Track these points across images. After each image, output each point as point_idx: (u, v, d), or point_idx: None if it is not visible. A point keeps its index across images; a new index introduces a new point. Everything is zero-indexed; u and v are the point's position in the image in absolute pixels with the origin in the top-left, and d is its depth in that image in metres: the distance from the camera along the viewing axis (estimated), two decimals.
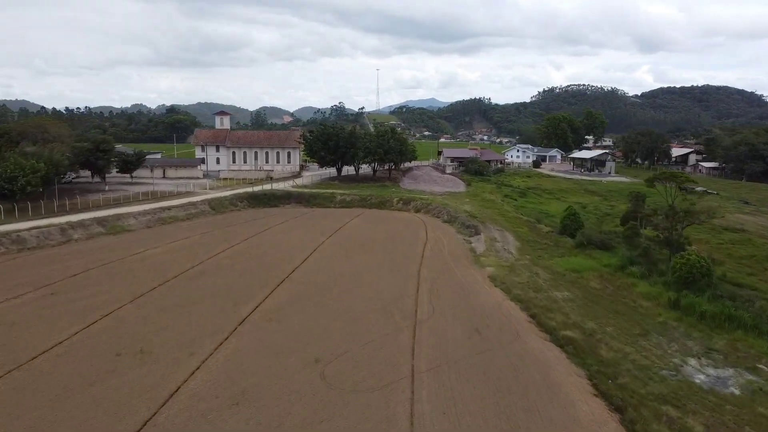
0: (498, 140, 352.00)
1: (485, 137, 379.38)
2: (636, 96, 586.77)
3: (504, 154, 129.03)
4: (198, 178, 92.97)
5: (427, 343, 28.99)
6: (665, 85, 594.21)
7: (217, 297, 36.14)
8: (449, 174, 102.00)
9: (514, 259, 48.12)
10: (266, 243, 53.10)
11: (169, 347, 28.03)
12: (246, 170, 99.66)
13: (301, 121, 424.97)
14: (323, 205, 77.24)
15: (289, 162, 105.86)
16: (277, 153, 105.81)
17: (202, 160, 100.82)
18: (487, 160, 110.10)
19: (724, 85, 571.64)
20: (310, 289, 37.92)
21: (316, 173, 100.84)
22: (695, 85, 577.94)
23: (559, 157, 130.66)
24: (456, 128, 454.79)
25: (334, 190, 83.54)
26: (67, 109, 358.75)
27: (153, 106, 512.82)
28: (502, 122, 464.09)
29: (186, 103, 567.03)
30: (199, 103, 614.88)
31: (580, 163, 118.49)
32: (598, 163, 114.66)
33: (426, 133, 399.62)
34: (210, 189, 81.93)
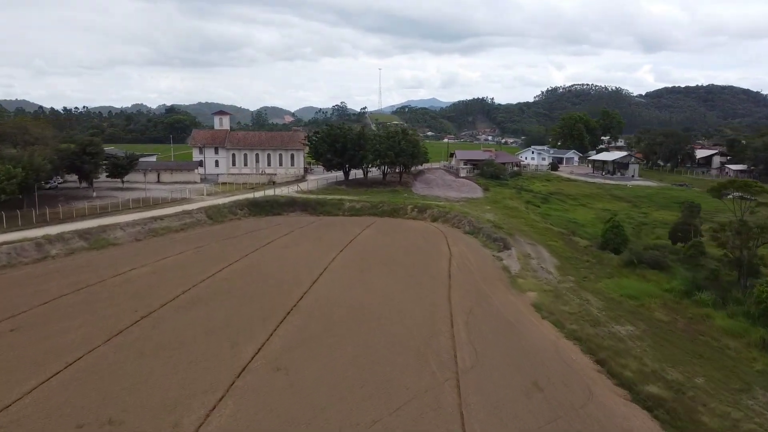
0: (503, 140, 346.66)
1: (490, 137, 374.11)
2: (640, 96, 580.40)
3: (518, 155, 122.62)
4: (195, 182, 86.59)
5: (477, 406, 22.63)
6: (669, 85, 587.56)
7: (210, 335, 29.82)
8: (463, 178, 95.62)
9: (556, 281, 41.76)
10: (269, 260, 46.77)
11: (146, 413, 21.72)
12: (246, 174, 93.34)
13: (303, 121, 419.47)
14: (331, 213, 70.82)
15: (292, 165, 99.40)
16: (280, 155, 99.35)
17: (200, 163, 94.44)
18: (502, 163, 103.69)
19: (729, 84, 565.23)
20: (323, 324, 31.57)
21: (321, 177, 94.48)
22: (700, 84, 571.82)
23: (576, 159, 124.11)
24: (459, 128, 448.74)
25: (342, 196, 77.18)
26: (65, 108, 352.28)
27: (153, 105, 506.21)
28: (505, 122, 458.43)
29: (187, 103, 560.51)
30: (199, 103, 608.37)
31: (601, 165, 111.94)
32: (620, 165, 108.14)
33: (429, 133, 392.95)
34: (207, 195, 75.59)
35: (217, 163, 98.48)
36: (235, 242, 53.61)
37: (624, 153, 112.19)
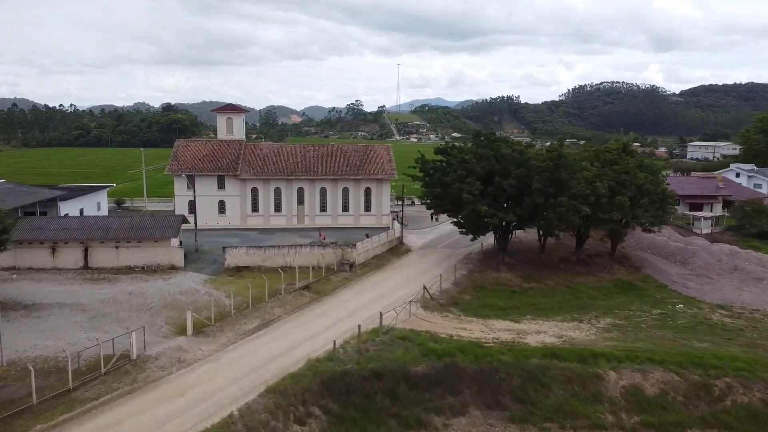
0: (548, 144, 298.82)
1: (529, 140, 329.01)
2: (674, 94, 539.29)
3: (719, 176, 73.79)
4: (171, 267, 37.88)
5: None
6: (707, 83, 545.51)
7: None
8: (704, 237, 47.52)
9: None
10: None
11: None
12: (282, 230, 44.82)
13: (314, 121, 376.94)
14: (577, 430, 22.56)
15: (367, 209, 51.34)
16: (344, 191, 51.26)
17: (185, 218, 43.89)
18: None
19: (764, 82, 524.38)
20: None
21: (435, 237, 46.47)
22: (738, 82, 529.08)
23: None
24: (485, 129, 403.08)
25: (551, 325, 29.08)
26: (46, 106, 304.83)
27: (156, 104, 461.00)
28: (535, 122, 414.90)
29: (192, 102, 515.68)
30: (203, 102, 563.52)
31: None
32: None
33: (454, 134, 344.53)
34: (195, 334, 27.26)
35: (222, 207, 50.37)
36: None
37: None
